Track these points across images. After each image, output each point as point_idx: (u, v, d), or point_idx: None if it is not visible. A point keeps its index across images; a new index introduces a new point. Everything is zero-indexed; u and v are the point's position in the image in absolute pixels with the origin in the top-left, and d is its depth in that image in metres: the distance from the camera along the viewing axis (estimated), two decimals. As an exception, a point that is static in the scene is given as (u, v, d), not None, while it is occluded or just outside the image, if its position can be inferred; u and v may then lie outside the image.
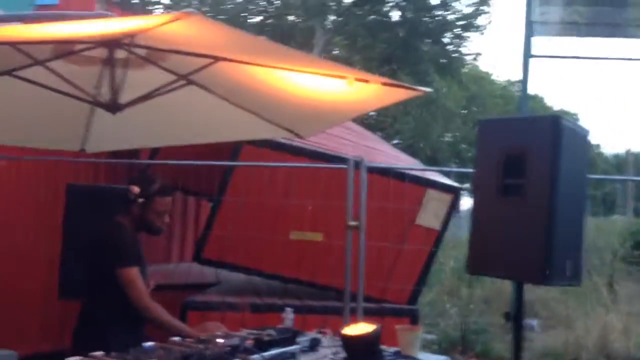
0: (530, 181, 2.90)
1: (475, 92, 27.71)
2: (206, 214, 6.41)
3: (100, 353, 2.57)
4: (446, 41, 21.73)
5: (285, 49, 3.07)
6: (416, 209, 5.64)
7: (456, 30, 21.55)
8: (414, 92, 3.36)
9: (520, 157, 2.93)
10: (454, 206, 5.84)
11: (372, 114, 20.32)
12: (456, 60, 22.24)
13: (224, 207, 5.63)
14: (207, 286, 6.27)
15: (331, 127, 4.41)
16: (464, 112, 27.61)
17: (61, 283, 4.89)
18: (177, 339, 2.94)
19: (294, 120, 3.89)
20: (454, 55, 22.01)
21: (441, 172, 6.70)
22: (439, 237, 5.76)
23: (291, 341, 3.06)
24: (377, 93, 3.27)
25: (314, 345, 3.18)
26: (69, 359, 2.49)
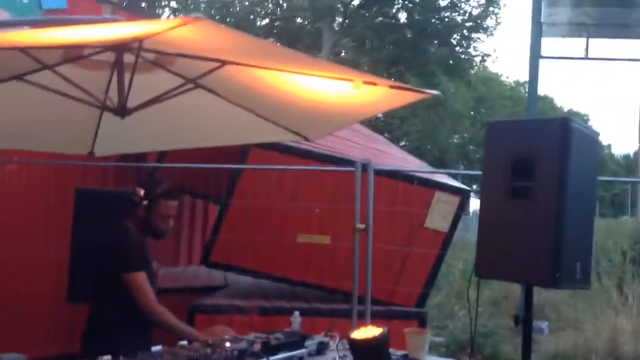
0: (539, 184, 2.87)
1: (483, 94, 27.66)
2: (214, 217, 6.41)
3: (108, 357, 2.58)
4: (454, 43, 21.70)
5: (293, 53, 3.07)
6: (424, 212, 5.62)
7: (464, 32, 21.51)
8: (421, 95, 3.35)
9: (529, 160, 2.90)
10: (462, 208, 5.81)
11: (379, 115, 20.31)
12: (464, 61, 22.20)
13: (232, 210, 5.63)
14: (215, 289, 6.27)
15: (339, 130, 4.39)
16: (472, 113, 27.55)
17: (70, 287, 4.90)
18: (185, 342, 2.94)
19: (301, 123, 3.89)
20: (462, 56, 21.97)
21: (449, 174, 6.67)
22: (447, 240, 5.73)
23: (299, 345, 3.06)
24: (385, 96, 3.26)
25: (321, 348, 3.18)
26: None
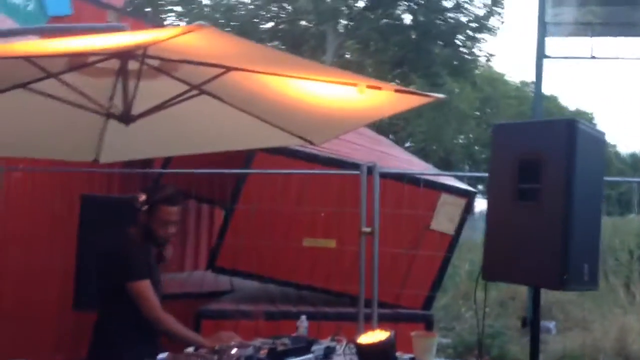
0: (546, 186, 2.87)
1: (488, 94, 27.58)
2: (220, 221, 6.41)
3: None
4: (459, 43, 21.65)
5: (296, 58, 3.06)
6: (430, 214, 5.60)
7: (469, 32, 21.47)
8: (426, 99, 3.34)
9: (535, 162, 2.90)
10: (468, 210, 5.79)
11: (384, 117, 20.24)
12: (469, 62, 22.15)
13: (237, 214, 5.62)
14: (221, 294, 6.27)
15: (344, 134, 4.39)
16: (477, 113, 27.49)
17: (76, 294, 4.89)
18: (191, 349, 2.94)
19: (306, 127, 3.88)
20: (467, 57, 21.92)
21: (455, 176, 6.66)
22: (453, 242, 5.71)
23: (305, 350, 3.05)
24: (390, 100, 3.25)
25: (328, 353, 3.17)
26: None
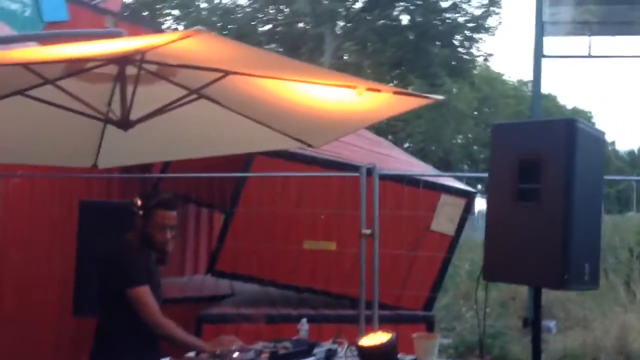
0: (545, 185, 2.86)
1: (487, 93, 27.60)
2: (219, 225, 6.40)
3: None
4: (456, 43, 21.67)
5: (295, 62, 3.06)
6: (430, 215, 5.60)
7: (466, 32, 21.49)
8: (425, 100, 3.34)
9: (535, 162, 2.89)
10: (468, 210, 5.79)
11: (382, 118, 20.24)
12: (467, 62, 22.17)
13: (237, 218, 5.61)
14: (222, 298, 6.26)
15: (343, 136, 4.38)
16: (475, 113, 27.50)
17: (75, 300, 4.88)
18: (193, 354, 2.93)
19: (305, 130, 3.88)
20: (465, 57, 21.94)
21: (454, 176, 6.65)
22: (453, 242, 5.71)
23: (307, 353, 3.05)
24: (389, 102, 3.25)
25: (329, 356, 3.18)
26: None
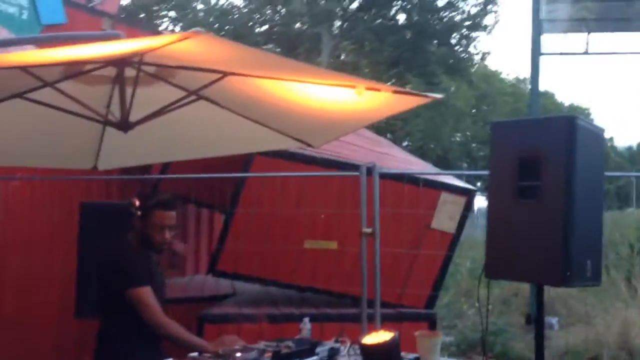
0: (546, 183, 2.86)
1: (484, 91, 27.60)
2: (219, 225, 6.40)
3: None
4: (454, 42, 21.68)
5: (293, 62, 3.06)
6: (430, 213, 5.60)
7: (463, 31, 21.50)
8: (425, 99, 3.34)
9: (535, 159, 2.89)
10: (468, 208, 5.79)
11: (381, 116, 20.24)
12: (464, 60, 22.18)
13: (237, 218, 5.61)
14: (223, 298, 6.26)
15: (343, 136, 4.38)
16: (473, 111, 27.50)
17: (77, 302, 4.87)
18: (195, 354, 2.93)
19: (305, 130, 3.88)
20: (462, 55, 21.95)
21: (454, 175, 6.65)
22: (454, 240, 5.71)
23: (310, 352, 3.04)
24: (389, 101, 3.25)
25: (332, 355, 3.17)
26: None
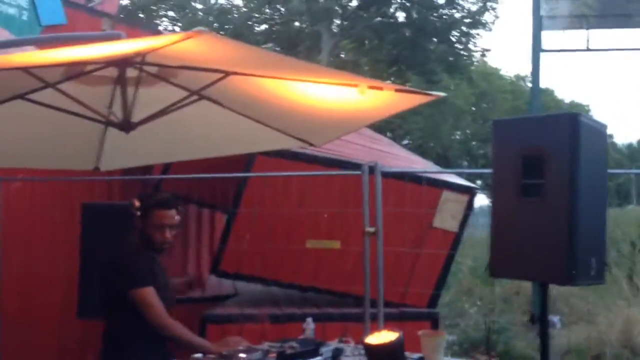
0: (549, 181, 2.86)
1: (484, 89, 27.59)
2: (221, 226, 6.39)
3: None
4: (453, 40, 21.66)
5: (295, 61, 3.05)
6: (432, 212, 5.58)
7: (463, 28, 21.48)
8: (427, 97, 3.33)
9: (538, 157, 2.89)
10: (470, 207, 5.78)
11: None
12: (464, 58, 22.16)
13: (239, 218, 5.60)
14: (225, 298, 6.26)
15: (345, 135, 4.37)
16: (473, 109, 27.48)
17: (80, 302, 4.86)
18: (199, 355, 2.92)
19: (307, 130, 3.86)
20: (462, 53, 21.93)
21: (454, 173, 6.64)
22: (456, 239, 5.70)
23: (314, 353, 3.04)
24: (391, 100, 3.23)
25: (336, 355, 3.17)
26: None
